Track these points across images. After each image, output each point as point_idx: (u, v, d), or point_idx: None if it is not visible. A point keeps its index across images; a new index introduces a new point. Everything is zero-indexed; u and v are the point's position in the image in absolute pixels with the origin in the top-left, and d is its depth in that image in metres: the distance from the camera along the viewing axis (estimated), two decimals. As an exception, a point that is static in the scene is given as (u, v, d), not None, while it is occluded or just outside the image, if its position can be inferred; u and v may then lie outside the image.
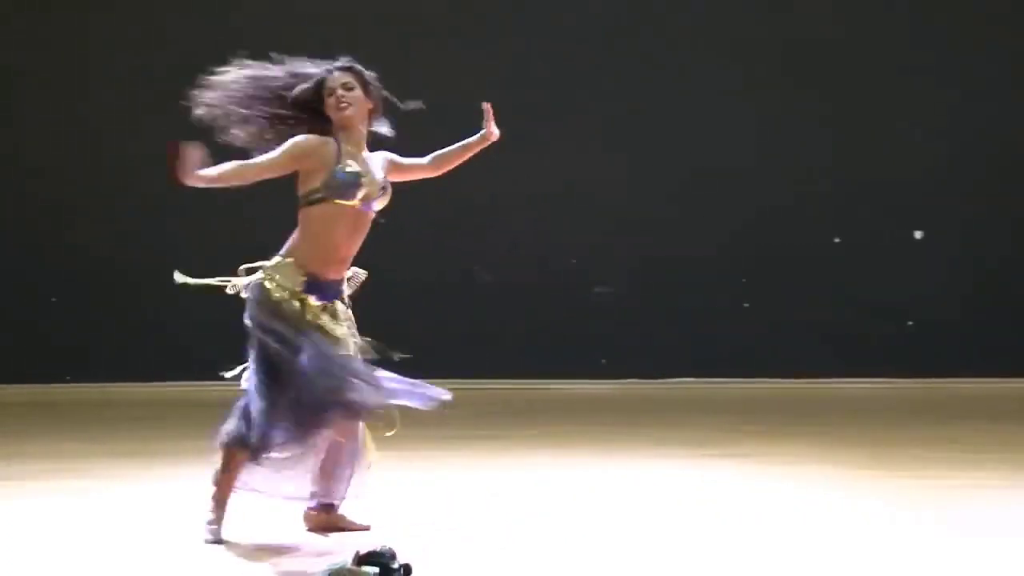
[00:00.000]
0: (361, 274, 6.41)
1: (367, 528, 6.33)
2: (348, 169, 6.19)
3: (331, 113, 6.26)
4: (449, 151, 6.53)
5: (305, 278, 6.19)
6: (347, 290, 6.35)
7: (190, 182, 6.02)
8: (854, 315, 11.61)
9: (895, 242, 11.68)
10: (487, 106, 6.49)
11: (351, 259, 6.30)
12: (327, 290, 6.23)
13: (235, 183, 6.16)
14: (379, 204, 6.30)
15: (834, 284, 11.67)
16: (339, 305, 6.28)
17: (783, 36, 11.63)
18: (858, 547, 6.14)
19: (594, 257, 11.67)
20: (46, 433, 9.57)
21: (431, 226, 11.27)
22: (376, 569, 5.37)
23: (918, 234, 11.69)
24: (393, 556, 5.43)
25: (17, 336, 11.64)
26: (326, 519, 6.35)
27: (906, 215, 11.66)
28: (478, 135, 6.49)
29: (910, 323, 11.65)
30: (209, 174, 6.03)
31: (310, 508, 6.36)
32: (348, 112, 6.26)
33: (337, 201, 6.18)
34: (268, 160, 6.18)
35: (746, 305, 11.69)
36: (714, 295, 11.61)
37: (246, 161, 6.19)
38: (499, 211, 11.43)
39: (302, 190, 6.22)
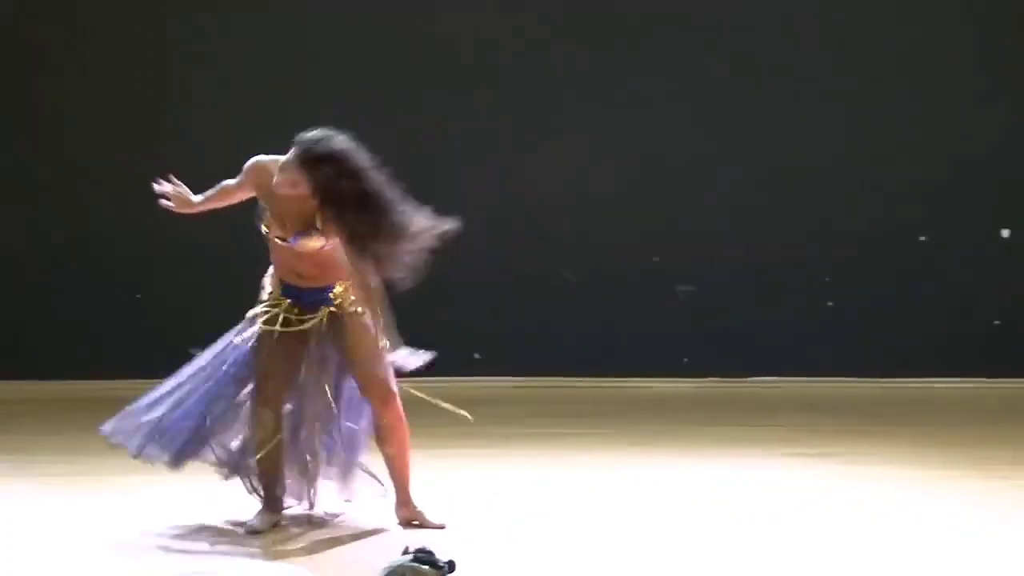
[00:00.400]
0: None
1: (442, 527, 6.51)
2: (261, 203, 6.49)
3: None
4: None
5: (281, 285, 6.57)
6: (353, 303, 6.52)
7: (188, 211, 6.66)
8: (939, 314, 11.45)
9: (981, 240, 11.53)
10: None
11: (317, 274, 6.51)
12: (303, 297, 6.53)
13: (222, 203, 6.65)
14: (307, 245, 6.42)
15: (919, 283, 11.52)
16: (346, 316, 6.51)
17: (866, 31, 11.50)
18: (934, 548, 6.05)
19: (675, 255, 11.57)
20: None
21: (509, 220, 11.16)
22: (427, 566, 5.47)
23: (1005, 232, 11.55)
24: (434, 554, 5.56)
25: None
26: (408, 514, 6.61)
27: (993, 213, 11.51)
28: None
29: (996, 322, 11.52)
30: (202, 199, 6.64)
31: (396, 505, 6.63)
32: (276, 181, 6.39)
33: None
34: (236, 181, 6.57)
35: (830, 304, 11.58)
36: (797, 294, 11.49)
37: (227, 182, 6.61)
38: (577, 209, 11.33)
39: None
